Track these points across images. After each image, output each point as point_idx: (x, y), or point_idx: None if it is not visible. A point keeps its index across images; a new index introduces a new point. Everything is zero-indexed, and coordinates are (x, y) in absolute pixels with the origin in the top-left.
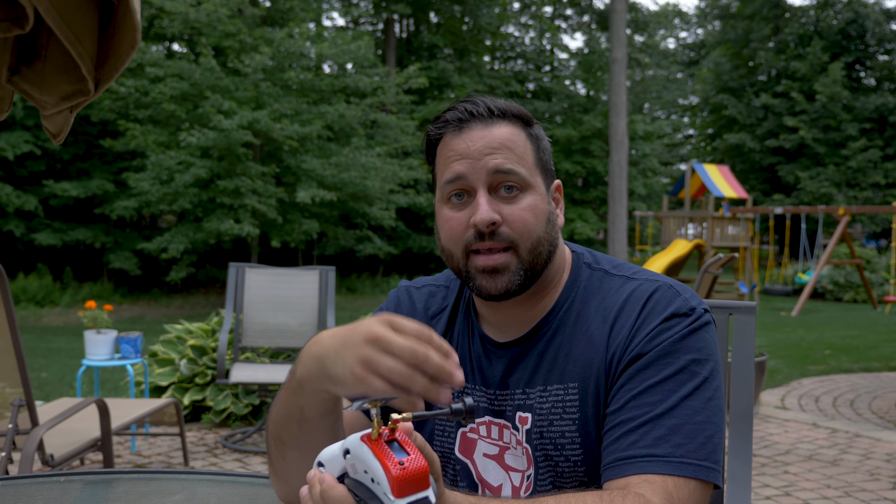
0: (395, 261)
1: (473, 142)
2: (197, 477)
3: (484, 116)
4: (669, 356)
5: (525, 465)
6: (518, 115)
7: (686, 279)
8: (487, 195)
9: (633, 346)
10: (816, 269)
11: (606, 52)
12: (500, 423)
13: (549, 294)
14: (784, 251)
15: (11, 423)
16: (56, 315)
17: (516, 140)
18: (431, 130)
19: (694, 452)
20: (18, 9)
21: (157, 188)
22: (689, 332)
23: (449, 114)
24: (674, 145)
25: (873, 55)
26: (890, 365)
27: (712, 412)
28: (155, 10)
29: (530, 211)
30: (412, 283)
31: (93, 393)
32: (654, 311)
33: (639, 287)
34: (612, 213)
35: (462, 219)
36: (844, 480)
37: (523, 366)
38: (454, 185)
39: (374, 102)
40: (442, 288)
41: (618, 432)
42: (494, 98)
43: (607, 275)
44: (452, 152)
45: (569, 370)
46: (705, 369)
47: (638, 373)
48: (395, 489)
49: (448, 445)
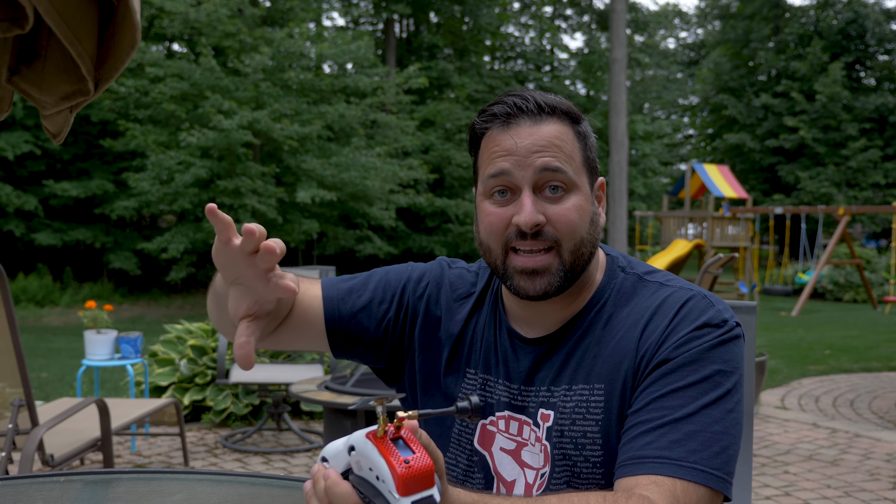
0: (395, 261)
1: (521, 139)
2: (197, 477)
3: (533, 112)
4: (696, 364)
5: (541, 462)
6: (567, 112)
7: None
8: (532, 195)
9: (662, 351)
10: (816, 269)
11: (606, 52)
12: (521, 419)
13: (582, 294)
14: (784, 251)
15: (11, 423)
16: (56, 315)
17: (564, 138)
18: (477, 123)
19: (707, 460)
20: (18, 9)
21: (157, 188)
22: (718, 342)
23: (497, 107)
24: (674, 145)
25: (873, 55)
26: (890, 365)
27: (731, 424)
28: (155, 10)
29: (576, 211)
30: (450, 261)
31: (93, 393)
32: (686, 319)
33: (672, 294)
34: (612, 213)
35: (504, 215)
36: (844, 480)
37: (550, 363)
38: (498, 180)
39: (374, 102)
40: (473, 273)
41: (635, 432)
42: (544, 93)
43: (641, 280)
44: (499, 147)
45: (595, 371)
46: (730, 381)
47: (663, 377)
48: (401, 487)
49: (467, 436)
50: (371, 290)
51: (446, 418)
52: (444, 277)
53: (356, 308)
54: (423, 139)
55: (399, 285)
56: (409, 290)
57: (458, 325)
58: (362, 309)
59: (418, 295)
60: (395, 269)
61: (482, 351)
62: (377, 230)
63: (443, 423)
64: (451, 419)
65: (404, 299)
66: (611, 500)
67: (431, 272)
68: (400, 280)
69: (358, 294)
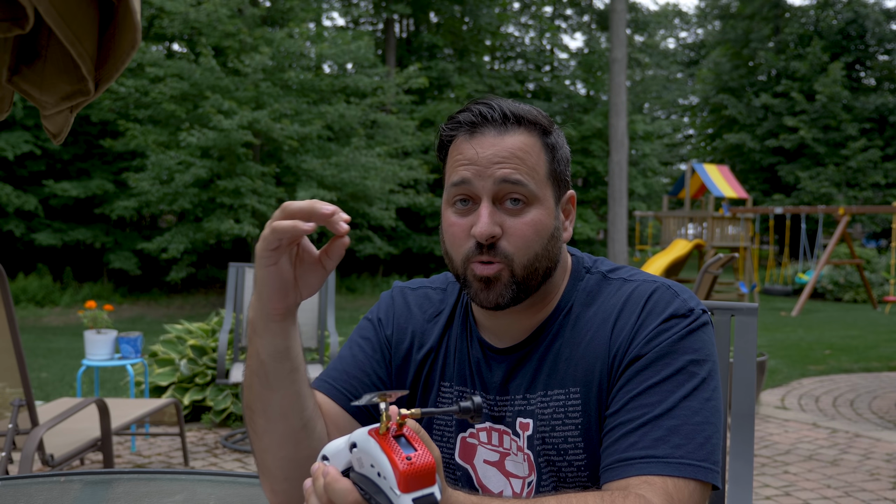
0: (395, 261)
1: (484, 149)
2: (197, 477)
3: (498, 122)
4: (668, 357)
5: (526, 471)
6: (535, 122)
7: (686, 279)
8: (491, 206)
9: (633, 348)
10: (816, 269)
11: (606, 52)
12: (500, 429)
13: (548, 302)
14: (784, 251)
15: (11, 423)
16: (56, 315)
17: (529, 150)
18: (444, 130)
19: (693, 453)
20: (18, 9)
21: (157, 188)
22: (687, 332)
23: (463, 115)
24: (674, 145)
25: (873, 55)
26: (890, 365)
27: (710, 413)
28: (155, 10)
29: (532, 227)
30: (407, 285)
31: (93, 393)
32: (653, 312)
33: (637, 288)
34: (612, 213)
35: (464, 226)
36: (844, 480)
37: (524, 371)
38: (458, 188)
39: (374, 102)
40: (439, 290)
41: (617, 434)
42: (513, 102)
43: (605, 278)
44: (461, 156)
45: (570, 374)
46: (703, 370)
47: (637, 374)
48: (402, 484)
49: (448, 451)
50: (360, 359)
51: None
52: (401, 303)
53: (362, 380)
54: (423, 139)
55: (371, 334)
56: (381, 334)
57: (432, 342)
58: (365, 374)
59: (388, 333)
60: (358, 330)
61: (455, 364)
62: (377, 230)
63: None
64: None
65: (381, 342)
66: (608, 500)
67: (380, 307)
68: (369, 330)
69: (353, 372)
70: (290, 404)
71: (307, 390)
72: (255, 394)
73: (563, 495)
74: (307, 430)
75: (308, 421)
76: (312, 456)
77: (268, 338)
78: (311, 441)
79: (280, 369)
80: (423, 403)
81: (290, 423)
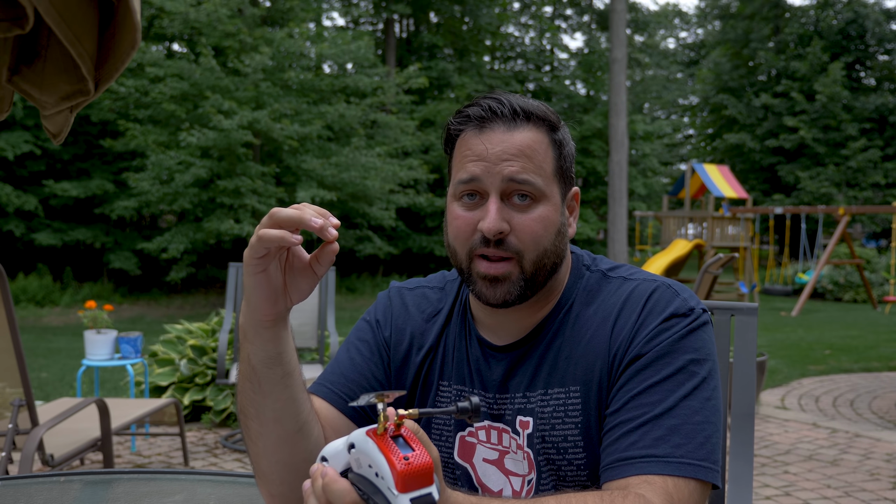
0: (395, 261)
1: (493, 144)
2: (197, 477)
3: (507, 117)
4: (668, 356)
5: (526, 469)
6: (544, 119)
7: (686, 279)
8: (499, 202)
9: (634, 347)
10: (816, 269)
11: (606, 52)
12: (500, 428)
13: (549, 299)
14: (784, 251)
15: (11, 423)
16: (56, 315)
17: (537, 147)
18: (452, 124)
19: (693, 453)
20: (18, 9)
21: (157, 188)
22: (687, 332)
23: (472, 109)
24: (674, 145)
25: (873, 55)
26: (890, 365)
27: (710, 412)
28: (155, 10)
29: (540, 222)
30: (404, 285)
31: (93, 393)
32: (653, 312)
33: (637, 287)
34: (612, 213)
35: (471, 220)
36: (844, 480)
37: (523, 369)
38: (467, 185)
39: (374, 102)
40: (436, 290)
41: (617, 433)
42: (521, 97)
43: (605, 276)
44: (470, 152)
45: (570, 373)
46: (703, 369)
47: (637, 373)
48: (400, 484)
49: (447, 450)
50: (358, 362)
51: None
52: (399, 303)
53: (360, 383)
54: (423, 139)
55: (369, 336)
56: (379, 335)
57: (431, 342)
58: (363, 377)
59: (386, 334)
60: (355, 331)
61: (454, 362)
62: (377, 230)
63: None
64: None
65: (379, 344)
66: (608, 500)
67: (378, 308)
68: (366, 331)
69: (350, 375)
70: (284, 409)
71: (302, 394)
72: (247, 398)
73: (562, 495)
74: (302, 434)
75: (303, 425)
76: (308, 460)
77: (259, 344)
78: (307, 445)
79: (272, 375)
80: (422, 403)
81: (285, 428)
